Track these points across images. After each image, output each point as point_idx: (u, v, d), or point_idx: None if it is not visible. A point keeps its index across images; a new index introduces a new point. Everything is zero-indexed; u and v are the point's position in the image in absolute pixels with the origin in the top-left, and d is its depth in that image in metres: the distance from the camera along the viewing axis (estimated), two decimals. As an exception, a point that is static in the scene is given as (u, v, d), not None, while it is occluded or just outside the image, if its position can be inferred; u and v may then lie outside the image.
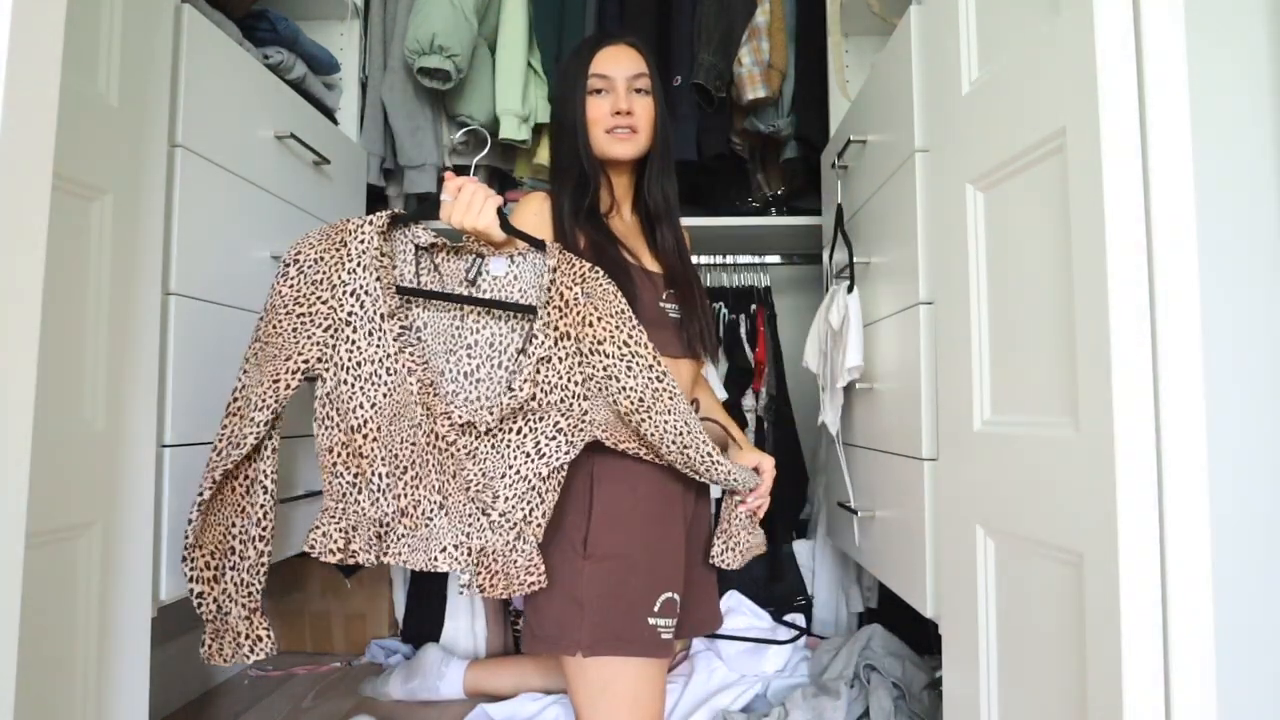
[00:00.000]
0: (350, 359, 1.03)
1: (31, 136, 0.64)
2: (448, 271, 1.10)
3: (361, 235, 1.05)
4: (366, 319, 1.03)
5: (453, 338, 1.08)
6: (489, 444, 1.04)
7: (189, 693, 1.58)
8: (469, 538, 1.05)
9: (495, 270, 1.09)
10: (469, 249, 1.09)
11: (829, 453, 1.68)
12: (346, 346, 1.03)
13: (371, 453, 1.04)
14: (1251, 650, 0.81)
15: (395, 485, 1.05)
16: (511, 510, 1.04)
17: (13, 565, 0.62)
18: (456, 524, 1.05)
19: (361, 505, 1.05)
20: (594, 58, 1.24)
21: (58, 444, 0.87)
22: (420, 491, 1.05)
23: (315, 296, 1.03)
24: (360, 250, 1.04)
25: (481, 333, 1.08)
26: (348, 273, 1.03)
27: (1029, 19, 0.85)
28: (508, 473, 1.04)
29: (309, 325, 1.03)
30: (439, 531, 1.05)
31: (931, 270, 1.12)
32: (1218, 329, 0.81)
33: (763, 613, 1.74)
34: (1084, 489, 0.74)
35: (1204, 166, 0.73)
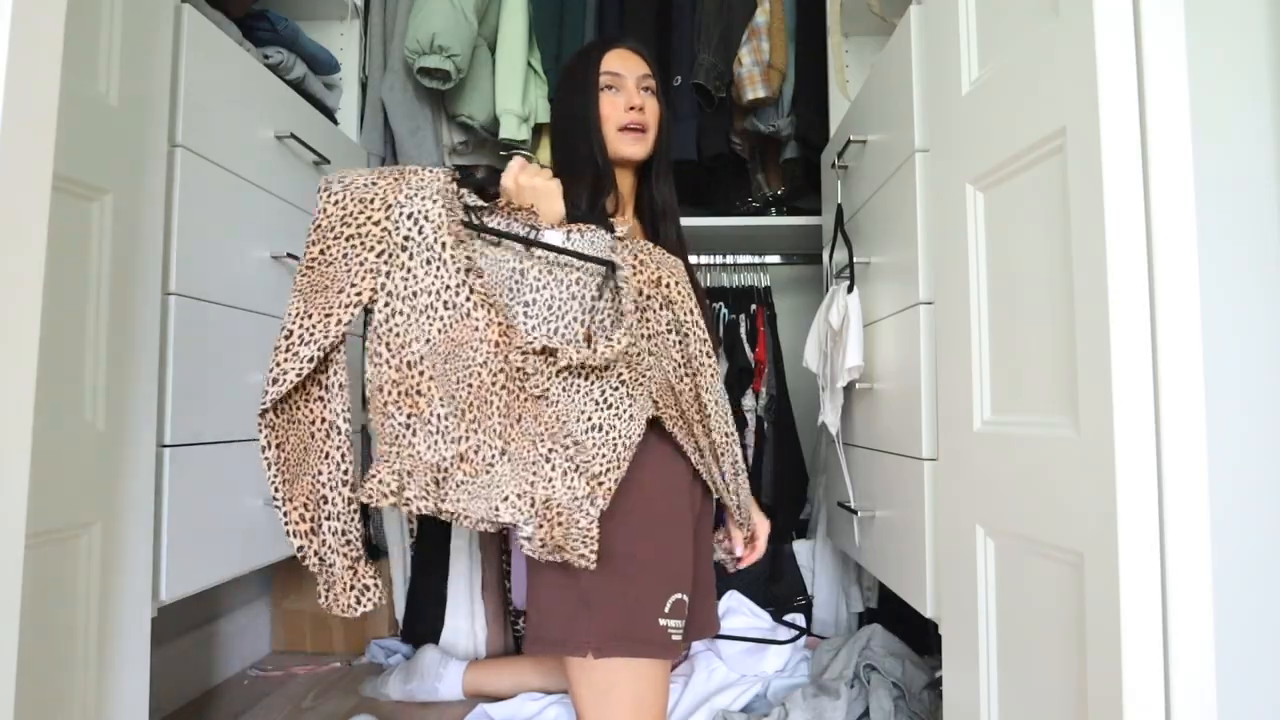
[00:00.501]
0: (405, 288, 0.95)
1: (31, 136, 0.64)
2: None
3: (422, 173, 0.99)
4: (425, 245, 0.95)
5: (510, 290, 1.02)
6: (560, 386, 0.99)
7: (189, 693, 1.58)
8: (533, 486, 0.98)
9: (550, 239, 1.06)
10: (523, 218, 1.06)
11: (829, 453, 1.68)
12: (401, 274, 0.95)
13: (428, 391, 0.96)
14: (1252, 650, 0.81)
15: (455, 427, 0.97)
16: (591, 461, 0.99)
17: (13, 565, 0.62)
18: (520, 471, 0.99)
19: (417, 449, 0.97)
20: (604, 57, 1.25)
21: (58, 444, 0.87)
22: (480, 435, 0.98)
23: (365, 216, 0.95)
24: (419, 182, 0.97)
25: (541, 293, 1.03)
26: (404, 196, 0.96)
27: (1029, 19, 0.85)
28: (580, 418, 1.00)
29: (359, 249, 0.94)
30: (500, 479, 0.98)
31: (931, 270, 1.12)
32: (1218, 329, 0.81)
33: (763, 613, 1.74)
34: (1084, 489, 0.74)
35: (1204, 166, 0.73)
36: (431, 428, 0.97)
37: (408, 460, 0.97)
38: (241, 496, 1.25)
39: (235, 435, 1.23)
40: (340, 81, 1.79)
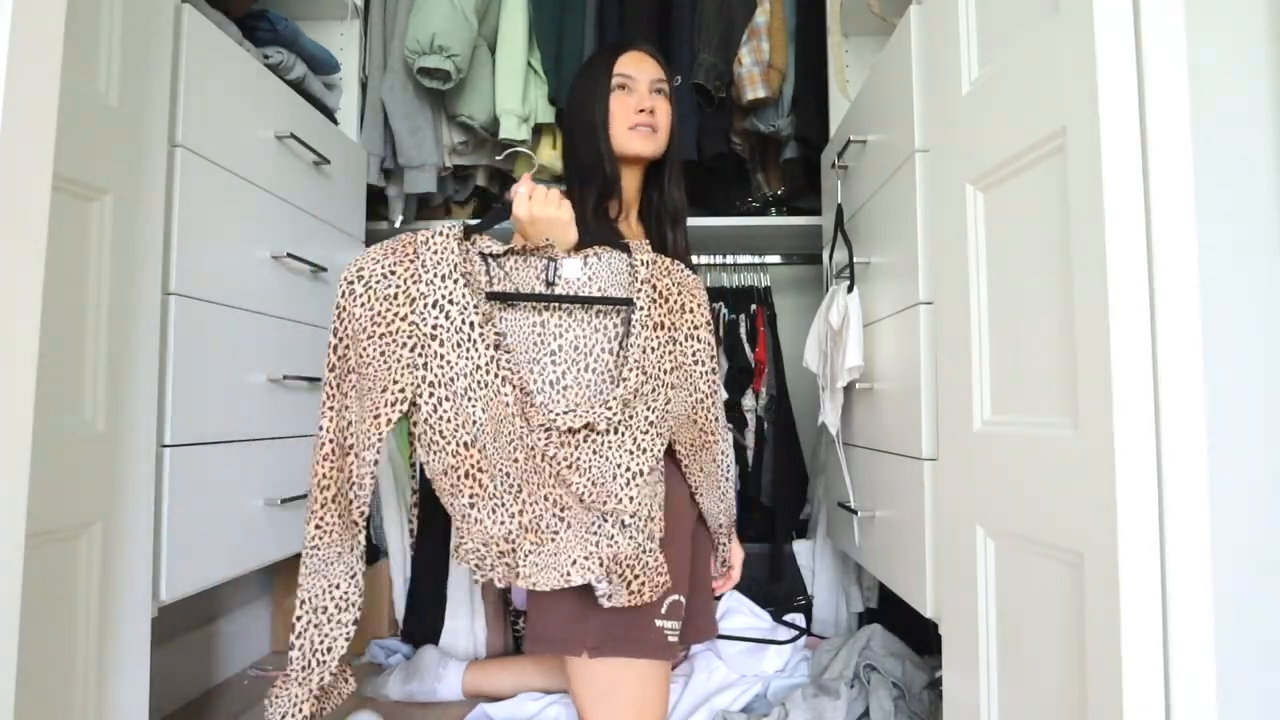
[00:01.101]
0: (443, 375, 0.97)
1: (31, 136, 0.64)
2: (520, 279, 1.06)
3: (434, 245, 0.99)
4: (454, 329, 0.97)
5: (535, 345, 1.03)
6: (589, 450, 1.00)
7: (189, 693, 1.58)
8: (598, 546, 1.01)
9: (569, 273, 1.06)
10: (541, 253, 1.06)
11: (829, 453, 1.68)
12: (437, 363, 0.97)
13: (488, 467, 0.99)
14: (1252, 650, 0.81)
15: (512, 502, 1.00)
16: (640, 509, 1.01)
17: (13, 565, 0.62)
18: (582, 535, 1.01)
19: (484, 524, 1.00)
20: (618, 59, 1.26)
21: (58, 444, 0.87)
22: (539, 506, 1.00)
23: (393, 314, 0.97)
24: (435, 261, 0.98)
25: (565, 336, 1.03)
26: (425, 284, 0.97)
27: (1029, 19, 0.85)
28: (619, 473, 1.01)
29: (394, 347, 0.96)
30: (566, 545, 1.01)
31: (931, 270, 1.12)
32: (1218, 329, 0.81)
33: (763, 613, 1.74)
34: (1084, 489, 0.74)
35: (1204, 166, 0.73)
36: (496, 502, 1.00)
37: (478, 535, 1.00)
38: (241, 496, 1.25)
39: (235, 435, 1.23)
40: (340, 81, 1.79)
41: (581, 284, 1.06)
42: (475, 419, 0.97)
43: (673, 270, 1.09)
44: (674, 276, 1.08)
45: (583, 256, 1.06)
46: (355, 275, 0.98)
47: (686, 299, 1.08)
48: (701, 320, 1.09)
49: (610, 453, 1.01)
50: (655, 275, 1.06)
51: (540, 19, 1.91)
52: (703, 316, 1.10)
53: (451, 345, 0.97)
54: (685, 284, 1.09)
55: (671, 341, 1.06)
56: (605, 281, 1.06)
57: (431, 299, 0.97)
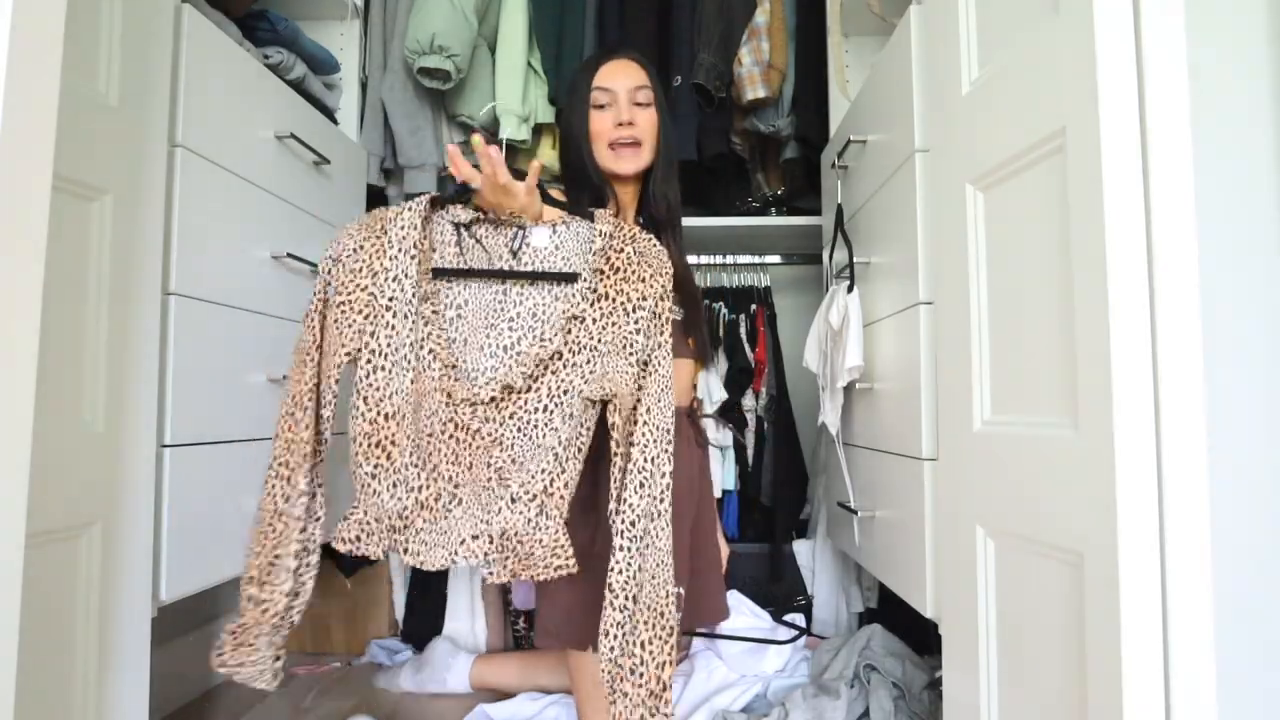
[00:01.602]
0: (388, 344, 1.01)
1: (31, 136, 0.64)
2: (490, 245, 1.09)
3: (401, 221, 1.04)
4: (405, 302, 1.01)
5: (495, 311, 1.06)
6: (514, 426, 1.02)
7: (189, 693, 1.58)
8: (488, 524, 1.02)
9: (537, 241, 1.08)
10: (510, 222, 1.08)
11: (829, 453, 1.68)
12: (386, 332, 1.01)
13: (400, 441, 1.01)
14: (1252, 650, 0.81)
15: (415, 476, 1.02)
16: (531, 481, 1.01)
17: (13, 565, 0.62)
18: (473, 511, 1.03)
19: (381, 498, 1.02)
20: (597, 73, 1.26)
21: (58, 444, 0.87)
22: (439, 483, 1.03)
23: (354, 284, 1.03)
24: (400, 236, 1.03)
25: (524, 304, 1.06)
26: (389, 259, 1.03)
27: (1029, 19, 0.85)
28: (528, 446, 1.02)
29: (349, 313, 1.02)
30: (457, 523, 1.03)
31: (931, 270, 1.12)
32: (1218, 329, 0.81)
33: (763, 613, 1.74)
34: (1084, 489, 0.74)
35: (1204, 166, 0.73)
36: (397, 477, 1.02)
37: (373, 508, 1.03)
38: (241, 496, 1.25)
39: (235, 435, 1.23)
40: (340, 81, 1.79)
41: (549, 252, 1.08)
42: (404, 390, 1.01)
43: (637, 240, 1.08)
44: (636, 246, 1.07)
45: (551, 225, 1.08)
46: (335, 255, 1.04)
47: (643, 269, 1.06)
48: (651, 291, 1.06)
49: (531, 429, 1.01)
50: (611, 247, 1.06)
51: (540, 19, 1.91)
52: (654, 288, 1.06)
53: (402, 316, 1.01)
54: (646, 254, 1.08)
55: (617, 311, 1.04)
56: (571, 250, 1.08)
57: (393, 273, 1.02)
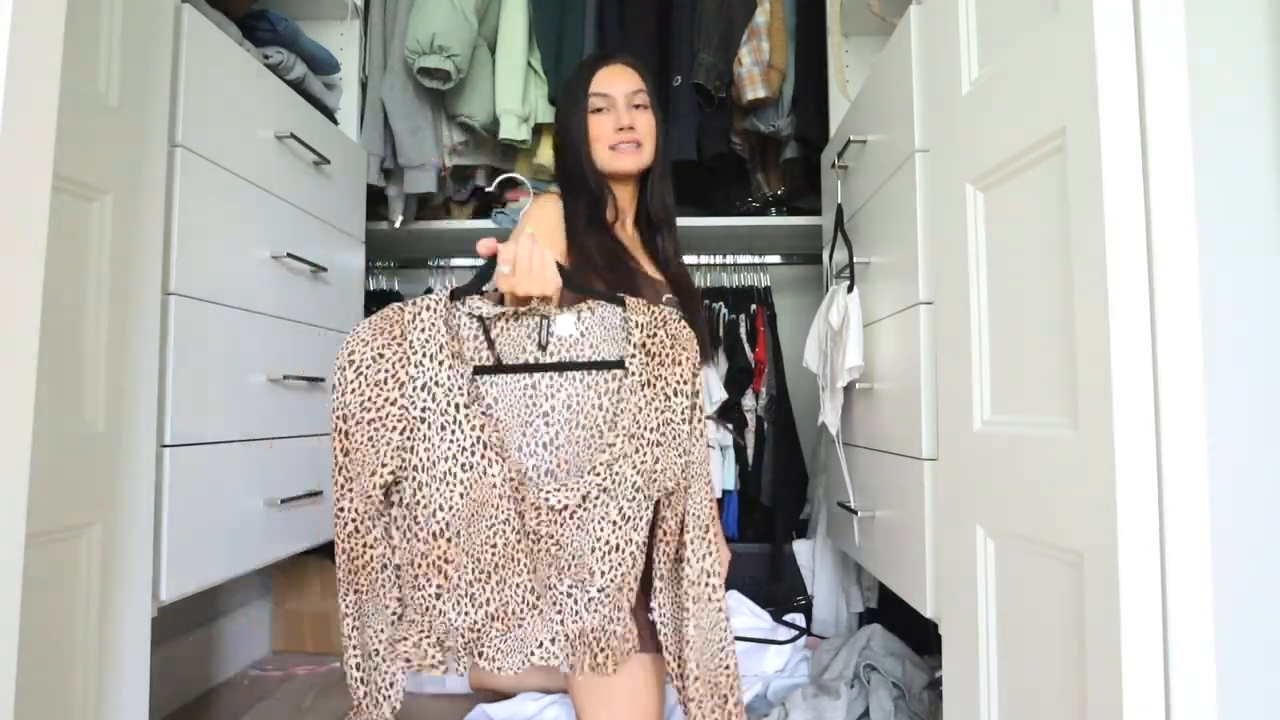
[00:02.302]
0: (428, 458, 0.95)
1: (31, 136, 0.64)
2: (513, 340, 1.03)
3: (421, 323, 0.97)
4: (439, 412, 0.95)
5: (527, 408, 1.01)
6: (574, 525, 0.98)
7: (189, 693, 1.58)
8: (563, 624, 0.99)
9: (562, 330, 1.03)
10: (532, 311, 1.03)
11: (829, 453, 1.68)
12: (424, 445, 0.95)
13: (456, 559, 0.96)
14: (1252, 650, 0.81)
15: (481, 591, 0.97)
16: (609, 585, 0.99)
17: (13, 565, 0.62)
18: (549, 617, 1.00)
19: (448, 617, 0.98)
20: (593, 77, 1.27)
21: (58, 444, 0.87)
22: (508, 592, 0.98)
23: (383, 398, 0.95)
24: (424, 340, 0.96)
25: (557, 397, 1.01)
26: (414, 366, 0.96)
27: (1029, 19, 0.85)
28: (597, 546, 0.98)
29: (384, 431, 0.95)
30: (533, 629, 0.99)
31: (931, 270, 1.12)
32: (1218, 329, 0.81)
33: (763, 613, 1.74)
34: (1084, 489, 0.74)
35: (1204, 166, 0.73)
36: (460, 593, 0.98)
37: (439, 628, 0.99)
38: (241, 496, 1.25)
39: (235, 435, 1.23)
40: (340, 81, 1.79)
41: (574, 340, 1.03)
42: (452, 504, 0.95)
43: (668, 323, 1.05)
44: (668, 329, 1.04)
45: (575, 312, 1.04)
46: (347, 361, 0.97)
47: (677, 352, 1.03)
48: (689, 375, 1.03)
49: (592, 525, 0.98)
50: (648, 334, 1.02)
51: (540, 19, 1.91)
52: (688, 370, 1.03)
53: (437, 428, 0.95)
54: (679, 337, 1.04)
55: (661, 397, 1.01)
56: (599, 337, 1.04)
57: (420, 381, 0.96)
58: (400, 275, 2.36)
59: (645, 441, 0.99)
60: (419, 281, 2.36)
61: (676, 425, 1.01)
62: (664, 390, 1.01)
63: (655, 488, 1.00)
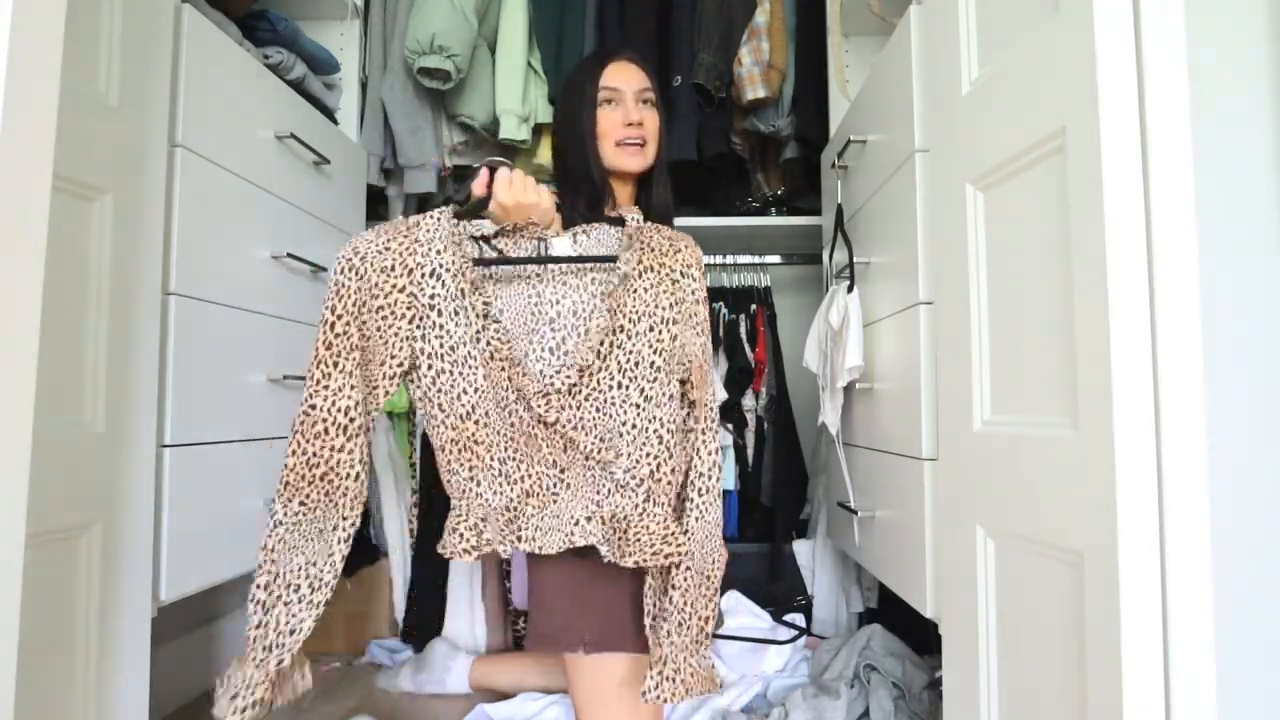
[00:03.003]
0: (443, 345, 0.97)
1: (31, 136, 0.64)
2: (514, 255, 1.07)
3: (425, 224, 1.00)
4: (450, 298, 0.97)
5: (533, 315, 1.03)
6: (593, 408, 0.98)
7: (189, 693, 1.58)
8: (599, 506, 0.99)
9: (559, 250, 1.06)
10: (529, 233, 1.06)
11: (829, 453, 1.68)
12: (436, 333, 0.97)
13: (486, 439, 0.98)
14: (1252, 650, 0.81)
15: (515, 469, 0.99)
16: (636, 466, 0.98)
17: (13, 565, 0.62)
18: (583, 494, 1.00)
19: (485, 497, 0.99)
20: (603, 71, 1.26)
21: (58, 444, 0.87)
22: (538, 467, 0.99)
23: (390, 285, 0.96)
24: (430, 235, 0.98)
25: (562, 303, 1.03)
26: (423, 254, 0.97)
27: (1029, 19, 0.85)
28: (623, 430, 0.99)
29: (392, 319, 0.96)
30: (568, 505, 1.00)
31: (931, 270, 1.12)
32: (1218, 329, 0.81)
33: (763, 613, 1.74)
34: (1084, 489, 0.74)
35: (1204, 166, 0.73)
36: (494, 472, 0.99)
37: (478, 509, 1.00)
38: (241, 496, 1.25)
39: (235, 435, 1.23)
40: (340, 81, 1.79)
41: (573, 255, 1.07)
42: (477, 386, 0.97)
43: (661, 229, 1.09)
44: (664, 233, 1.08)
45: (571, 234, 1.07)
46: (352, 252, 0.97)
47: (678, 243, 1.07)
48: (692, 260, 1.06)
49: (614, 409, 0.98)
50: (644, 235, 1.06)
51: (540, 19, 1.91)
52: (692, 256, 1.06)
53: (450, 314, 0.97)
54: (675, 237, 1.08)
55: (668, 280, 1.02)
56: (596, 252, 1.07)
57: (429, 268, 0.97)
58: (400, 275, 2.36)
59: (659, 319, 1.00)
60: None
61: (690, 305, 1.03)
62: (669, 275, 1.03)
63: (676, 364, 1.01)
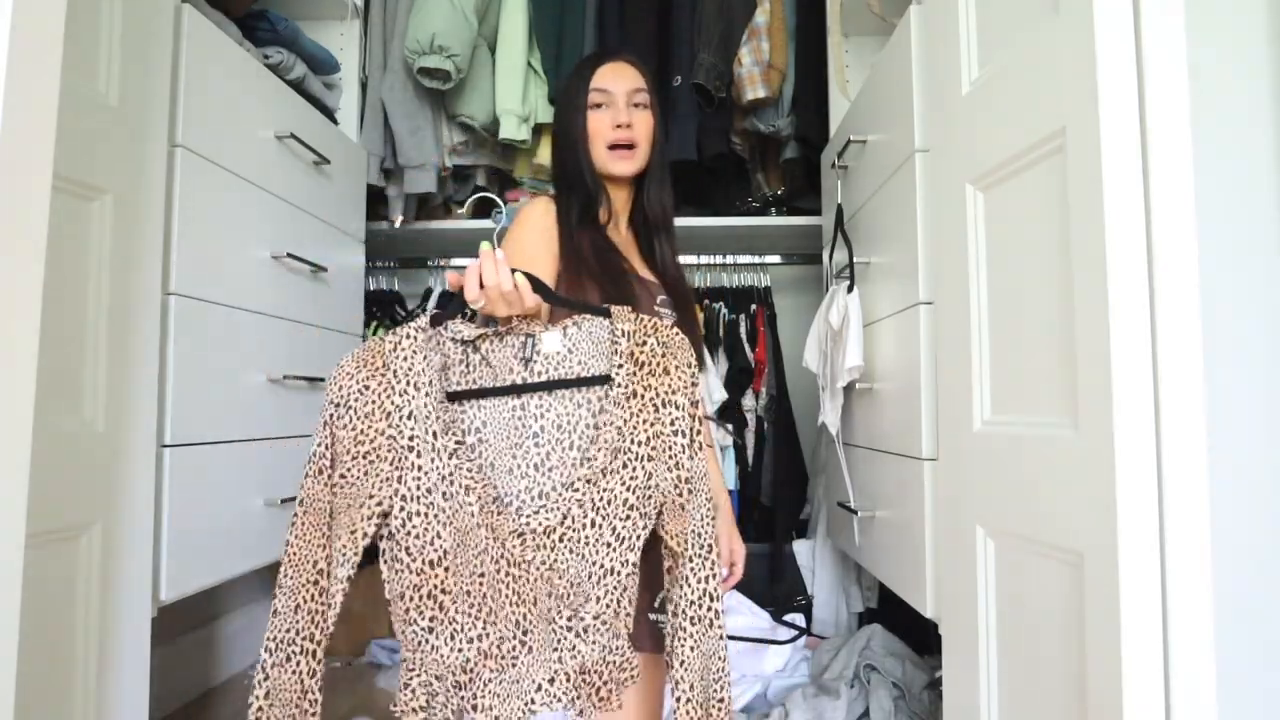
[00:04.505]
0: (417, 486, 0.94)
1: (31, 136, 0.64)
2: (498, 360, 1.01)
3: (401, 352, 0.96)
4: (425, 439, 0.95)
5: (516, 430, 0.99)
6: (566, 549, 0.96)
7: (189, 693, 1.58)
8: (562, 662, 0.97)
9: (548, 348, 1.01)
10: (516, 330, 1.01)
11: (829, 453, 1.68)
12: (413, 474, 0.94)
13: (453, 589, 0.95)
14: (1252, 650, 0.81)
15: (474, 624, 0.95)
16: (604, 611, 0.96)
17: (13, 565, 0.62)
18: (544, 654, 0.97)
19: (441, 653, 0.96)
20: (595, 73, 1.26)
21: (58, 444, 0.87)
22: (500, 627, 0.96)
23: (374, 430, 0.95)
24: (405, 369, 0.96)
25: (547, 416, 0.99)
26: (399, 395, 0.96)
27: (1029, 19, 0.85)
28: (593, 571, 0.96)
29: (376, 463, 0.95)
30: (529, 669, 0.96)
31: (931, 270, 1.12)
32: (1218, 329, 0.81)
33: (763, 613, 1.74)
34: (1084, 489, 0.74)
35: (1204, 166, 0.73)
36: (454, 627, 0.96)
37: (432, 666, 0.96)
38: (241, 496, 1.25)
39: (235, 435, 1.23)
40: (340, 81, 1.79)
41: (561, 357, 1.01)
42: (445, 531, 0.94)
43: (659, 331, 1.02)
44: (659, 337, 1.01)
45: (561, 328, 1.01)
46: (338, 397, 0.96)
47: (668, 361, 0.99)
48: (679, 385, 0.99)
49: (588, 549, 0.95)
50: (635, 344, 1.00)
51: (540, 19, 1.91)
52: (682, 380, 1.00)
53: (428, 455, 0.95)
54: (670, 344, 1.00)
55: (649, 408, 0.98)
56: (587, 353, 1.01)
57: (406, 410, 0.95)
58: (400, 275, 2.35)
59: (634, 456, 0.96)
60: (419, 282, 2.36)
61: (667, 437, 0.98)
62: (652, 401, 0.98)
63: (651, 505, 0.98)
